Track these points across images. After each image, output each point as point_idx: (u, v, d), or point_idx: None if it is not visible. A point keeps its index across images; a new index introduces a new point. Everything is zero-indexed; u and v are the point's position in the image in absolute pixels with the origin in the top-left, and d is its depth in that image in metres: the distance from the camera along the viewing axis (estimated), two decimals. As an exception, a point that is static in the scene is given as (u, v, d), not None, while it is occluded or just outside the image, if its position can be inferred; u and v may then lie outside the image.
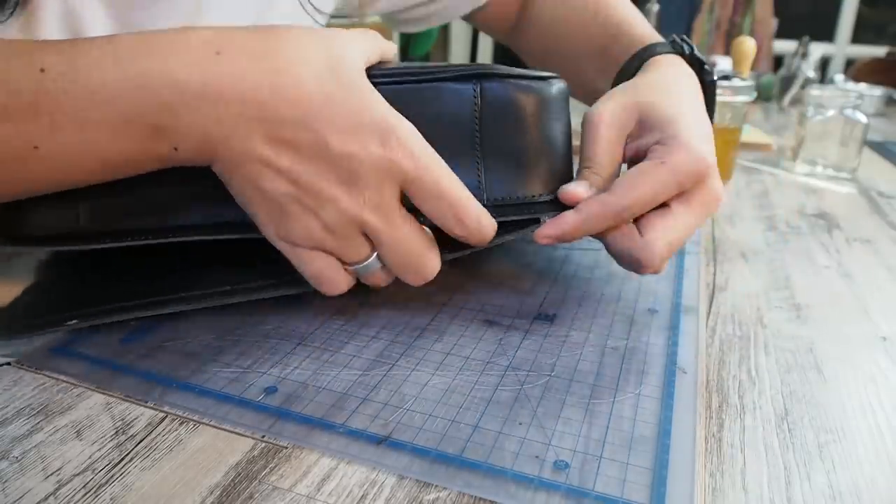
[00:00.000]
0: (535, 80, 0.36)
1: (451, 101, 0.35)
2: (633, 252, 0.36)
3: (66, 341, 0.36)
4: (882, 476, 0.28)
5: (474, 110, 0.35)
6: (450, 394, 0.32)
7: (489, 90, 0.35)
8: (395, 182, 0.32)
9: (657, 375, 0.34)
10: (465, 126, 0.35)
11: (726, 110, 0.66)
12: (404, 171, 0.32)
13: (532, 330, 0.38)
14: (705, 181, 0.37)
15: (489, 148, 0.35)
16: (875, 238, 0.57)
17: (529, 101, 0.36)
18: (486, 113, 0.35)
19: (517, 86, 0.36)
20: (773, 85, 1.31)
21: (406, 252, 0.34)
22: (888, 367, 0.37)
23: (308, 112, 0.31)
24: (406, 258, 0.34)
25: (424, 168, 0.32)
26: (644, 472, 0.27)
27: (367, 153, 0.31)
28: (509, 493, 0.26)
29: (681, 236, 0.37)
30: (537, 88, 0.36)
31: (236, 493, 0.26)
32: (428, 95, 0.35)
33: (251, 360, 0.34)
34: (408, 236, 0.33)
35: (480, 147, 0.35)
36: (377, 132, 0.31)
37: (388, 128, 0.32)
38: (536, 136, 0.36)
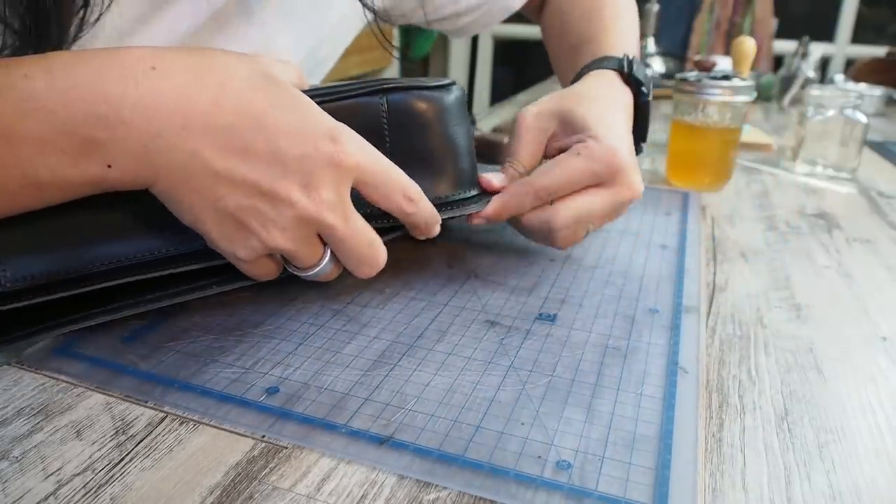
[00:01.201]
0: (434, 90, 0.40)
1: (366, 115, 0.38)
2: (542, 217, 0.42)
3: (66, 341, 0.36)
4: (882, 476, 0.28)
5: (383, 121, 0.39)
6: (451, 394, 0.32)
7: (393, 101, 0.39)
8: (349, 178, 0.33)
9: (659, 375, 0.34)
10: (378, 136, 0.38)
11: (726, 110, 0.66)
12: (356, 165, 0.33)
13: (533, 330, 0.38)
14: (620, 175, 0.41)
15: (399, 154, 0.38)
16: (875, 238, 0.57)
17: (430, 108, 0.40)
18: (392, 122, 0.39)
19: (419, 95, 0.39)
20: (773, 85, 1.30)
21: (360, 245, 0.35)
22: (888, 367, 0.37)
23: (256, 118, 0.31)
24: (360, 251, 0.35)
25: (373, 160, 0.34)
26: (646, 472, 0.27)
27: (320, 153, 0.32)
28: (511, 493, 0.26)
29: (587, 212, 0.41)
30: (437, 96, 0.40)
31: (236, 493, 0.26)
32: (348, 111, 0.37)
33: (253, 361, 0.34)
34: (362, 230, 0.35)
35: (391, 154, 0.36)
36: (325, 132, 0.32)
37: (333, 127, 0.33)
38: (440, 139, 0.40)
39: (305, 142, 0.31)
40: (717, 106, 0.66)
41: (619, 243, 0.51)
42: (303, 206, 0.32)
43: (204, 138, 0.30)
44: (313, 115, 0.33)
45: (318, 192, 0.32)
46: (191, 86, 0.30)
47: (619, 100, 0.46)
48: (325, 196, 0.32)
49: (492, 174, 0.43)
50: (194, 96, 0.30)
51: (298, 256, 0.34)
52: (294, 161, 0.31)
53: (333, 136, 0.32)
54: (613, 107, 0.45)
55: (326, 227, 0.33)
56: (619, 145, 0.41)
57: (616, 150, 0.41)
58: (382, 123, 0.39)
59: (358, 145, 0.33)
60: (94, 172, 0.29)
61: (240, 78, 0.31)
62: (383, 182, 0.35)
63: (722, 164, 0.68)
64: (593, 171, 0.41)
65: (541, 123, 0.44)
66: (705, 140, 0.67)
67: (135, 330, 0.37)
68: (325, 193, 0.32)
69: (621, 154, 0.41)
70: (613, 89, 0.47)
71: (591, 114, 0.43)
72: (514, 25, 2.90)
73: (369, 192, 0.35)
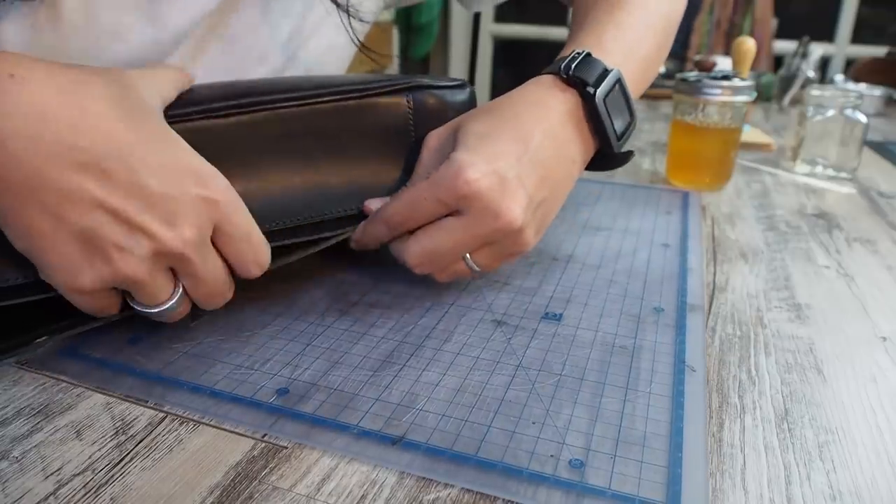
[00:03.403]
0: (454, 89, 0.42)
1: (393, 112, 0.40)
2: (397, 250, 0.38)
3: (70, 343, 0.36)
4: (882, 476, 0.28)
5: (409, 117, 0.40)
6: (461, 394, 0.32)
7: (418, 99, 0.40)
8: (212, 224, 0.31)
9: (666, 374, 0.34)
10: (404, 132, 0.40)
11: (726, 110, 0.66)
12: (221, 213, 0.31)
13: (540, 330, 0.38)
14: (470, 201, 0.35)
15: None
16: (875, 238, 0.57)
17: (452, 105, 0.42)
18: (417, 119, 0.40)
19: (441, 94, 0.41)
20: (773, 85, 1.30)
21: (217, 282, 0.33)
22: (888, 367, 0.37)
23: (121, 148, 0.29)
24: (216, 288, 0.33)
25: (237, 212, 0.32)
26: (658, 471, 0.28)
27: (185, 193, 0.30)
28: (527, 492, 0.26)
29: (435, 246, 0.36)
30: (456, 94, 0.42)
31: (236, 494, 0.26)
32: (374, 108, 0.39)
33: (261, 362, 0.34)
34: (219, 269, 0.33)
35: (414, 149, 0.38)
36: (194, 174, 0.31)
37: (204, 171, 0.31)
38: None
39: (170, 180, 0.30)
40: (717, 106, 0.66)
41: (621, 242, 0.51)
42: (164, 239, 0.30)
43: (56, 156, 0.28)
44: (181, 153, 0.31)
45: (180, 228, 0.30)
46: (49, 101, 0.28)
47: (537, 113, 0.39)
48: (187, 234, 0.30)
49: (380, 199, 0.39)
50: (50, 113, 0.28)
51: (148, 291, 0.31)
52: (156, 197, 0.29)
53: (201, 178, 0.31)
54: (514, 121, 0.38)
55: (185, 264, 0.31)
56: (475, 165, 0.34)
57: (464, 172, 0.34)
58: (409, 120, 0.40)
59: (224, 193, 0.32)
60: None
61: (105, 104, 0.29)
62: (243, 238, 0.33)
63: (722, 164, 0.68)
64: (436, 198, 0.35)
65: (440, 144, 0.39)
66: (705, 140, 0.67)
67: (140, 332, 0.37)
68: (187, 231, 0.30)
69: (469, 175, 0.34)
70: (539, 100, 0.40)
71: (475, 130, 0.37)
72: (514, 25, 2.90)
73: (223, 242, 0.32)
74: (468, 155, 0.35)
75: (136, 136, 0.30)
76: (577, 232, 0.54)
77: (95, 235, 0.29)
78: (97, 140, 0.28)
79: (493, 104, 0.40)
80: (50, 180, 0.28)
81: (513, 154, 0.36)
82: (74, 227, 0.28)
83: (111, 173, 0.29)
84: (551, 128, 0.39)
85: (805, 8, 2.59)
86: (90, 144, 0.28)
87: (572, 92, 0.41)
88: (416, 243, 0.37)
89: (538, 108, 0.40)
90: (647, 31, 0.49)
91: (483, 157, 0.35)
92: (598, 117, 0.40)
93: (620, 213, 0.59)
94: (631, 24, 0.48)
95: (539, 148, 0.38)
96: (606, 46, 0.45)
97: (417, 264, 0.37)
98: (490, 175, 0.35)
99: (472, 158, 0.35)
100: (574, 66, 0.40)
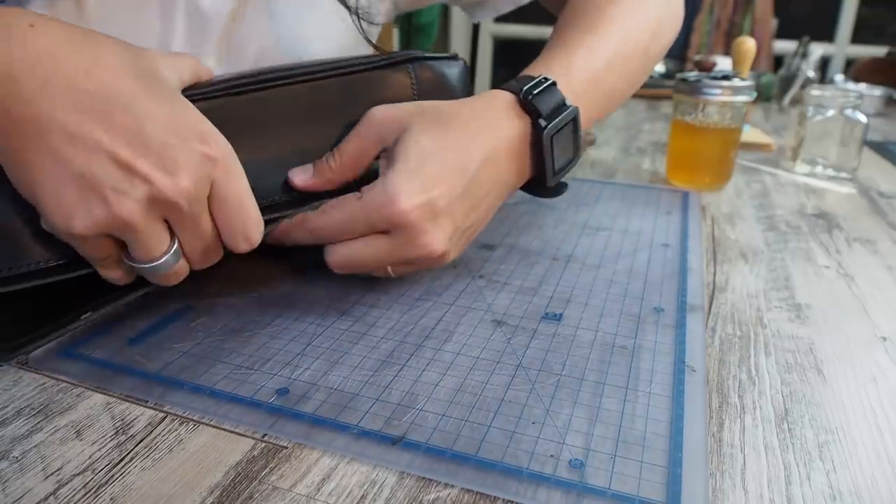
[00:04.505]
0: (450, 59, 0.45)
1: (397, 83, 0.42)
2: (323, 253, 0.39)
3: (70, 343, 0.36)
4: (882, 476, 0.28)
5: (413, 88, 0.42)
6: (461, 394, 0.32)
7: (419, 70, 0.43)
8: (209, 181, 0.32)
9: (666, 374, 0.34)
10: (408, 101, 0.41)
11: (726, 110, 0.66)
12: (220, 173, 0.32)
13: (540, 330, 0.38)
14: (401, 229, 0.36)
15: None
16: (875, 238, 0.57)
17: (449, 75, 0.44)
18: (420, 89, 0.43)
19: (439, 65, 0.44)
20: (773, 85, 1.30)
21: (206, 237, 0.33)
22: (888, 367, 0.37)
23: (124, 97, 0.30)
24: (206, 243, 0.34)
25: (237, 177, 0.33)
26: (659, 471, 0.28)
27: (187, 147, 0.31)
28: (526, 492, 0.26)
29: (361, 260, 0.38)
30: (453, 65, 0.44)
31: (236, 494, 0.26)
32: (379, 81, 0.41)
33: (261, 362, 0.34)
34: (211, 227, 0.33)
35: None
36: (197, 131, 0.31)
37: (208, 130, 0.32)
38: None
39: (172, 132, 0.30)
40: (717, 106, 0.66)
41: (621, 242, 0.51)
42: (161, 185, 0.30)
43: (65, 98, 0.29)
44: (187, 112, 0.32)
45: (177, 177, 0.30)
46: (64, 48, 0.29)
47: (485, 135, 0.39)
48: (184, 183, 0.30)
49: (303, 167, 0.39)
50: (64, 59, 0.29)
51: (143, 239, 0.31)
52: (157, 145, 0.30)
53: (204, 137, 0.31)
54: (462, 142, 0.38)
55: (179, 214, 0.31)
56: (410, 195, 0.35)
57: (398, 201, 0.35)
58: (412, 90, 0.42)
59: (225, 153, 0.32)
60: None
61: (117, 59, 0.30)
62: (234, 204, 0.33)
63: (722, 164, 0.69)
64: (368, 221, 0.36)
65: (381, 129, 0.38)
66: (705, 140, 0.67)
67: (140, 332, 0.37)
68: (184, 181, 0.30)
69: (403, 205, 0.35)
70: (491, 118, 0.40)
71: (419, 144, 0.37)
72: (514, 25, 2.90)
73: (216, 205, 0.33)
74: (405, 181, 0.36)
75: (144, 90, 0.30)
76: (577, 232, 0.54)
77: (94, 177, 0.29)
78: (106, 87, 0.29)
79: (446, 113, 0.39)
80: (56, 121, 0.28)
81: (450, 183, 0.37)
82: (75, 168, 0.29)
83: (115, 118, 0.29)
84: (494, 154, 0.40)
85: (805, 8, 2.59)
86: (98, 89, 0.29)
87: (525, 120, 0.41)
88: (341, 250, 0.38)
89: (488, 132, 0.40)
90: (617, 60, 0.49)
91: (419, 183, 0.36)
92: (540, 151, 0.41)
93: (620, 213, 0.59)
94: (603, 52, 0.48)
95: (476, 178, 0.39)
96: (573, 75, 0.45)
97: (338, 268, 0.39)
98: (423, 206, 0.36)
99: (408, 187, 0.35)
100: (535, 94, 0.41)
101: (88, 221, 0.30)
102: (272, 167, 0.38)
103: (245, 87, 0.37)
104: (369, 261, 0.38)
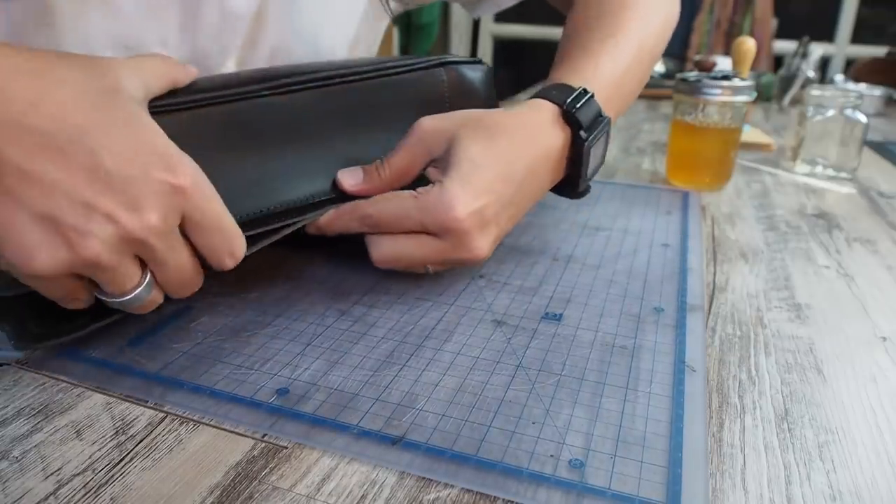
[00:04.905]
0: (470, 65, 0.47)
1: (430, 84, 0.44)
2: (367, 242, 0.40)
3: (70, 344, 0.36)
4: (882, 476, 0.28)
5: (444, 89, 0.45)
6: (461, 394, 0.32)
7: (451, 73, 0.45)
8: (179, 212, 0.31)
9: (666, 374, 0.34)
10: (439, 103, 0.45)
11: (726, 110, 0.66)
12: (189, 201, 0.31)
13: (540, 330, 0.38)
14: (451, 235, 0.38)
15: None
16: (875, 238, 0.57)
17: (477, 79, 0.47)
18: (451, 91, 0.45)
19: (468, 69, 0.46)
20: (773, 85, 1.30)
21: (184, 271, 0.33)
22: (888, 367, 0.37)
23: (80, 131, 0.28)
24: (183, 277, 0.33)
25: (208, 200, 0.32)
26: (658, 471, 0.28)
27: (150, 178, 0.29)
28: (526, 492, 0.26)
29: (408, 256, 0.39)
30: (481, 69, 0.47)
31: (236, 494, 0.26)
32: (414, 82, 0.44)
33: (261, 362, 0.34)
34: (186, 259, 0.32)
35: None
36: (161, 160, 0.30)
37: (172, 156, 0.31)
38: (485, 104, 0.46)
39: (134, 165, 0.29)
40: (717, 106, 0.66)
41: (621, 242, 0.51)
42: (125, 223, 0.29)
43: (13, 134, 0.27)
44: (150, 138, 0.30)
45: (143, 213, 0.29)
46: (12, 81, 0.28)
47: (531, 146, 0.41)
48: (151, 219, 0.29)
49: (351, 170, 0.40)
50: (10, 93, 0.27)
51: (112, 277, 0.30)
52: (118, 180, 0.28)
53: (169, 164, 0.30)
54: (509, 149, 0.40)
55: (150, 251, 0.30)
56: (466, 203, 0.37)
57: (454, 208, 0.37)
58: (444, 92, 0.45)
59: (193, 179, 0.31)
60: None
61: (70, 88, 0.29)
62: (210, 227, 0.32)
63: (722, 164, 0.69)
64: (421, 223, 0.38)
65: (431, 141, 0.40)
66: (705, 140, 0.67)
67: (140, 332, 0.37)
68: (151, 217, 0.29)
69: (456, 214, 0.37)
70: (536, 130, 0.42)
71: (470, 154, 0.39)
72: (514, 25, 2.90)
73: (192, 231, 0.32)
74: (461, 189, 0.37)
75: (98, 119, 0.29)
76: (577, 232, 0.54)
77: (55, 218, 0.28)
78: (56, 121, 0.28)
79: (491, 122, 0.41)
80: (9, 161, 0.27)
81: (498, 192, 0.39)
82: (34, 209, 0.28)
83: (70, 155, 0.28)
84: (536, 164, 0.42)
85: (805, 8, 2.59)
86: (48, 125, 0.28)
87: (567, 131, 0.43)
88: (388, 246, 0.39)
89: (532, 142, 0.42)
90: (634, 64, 0.51)
91: (473, 194, 0.38)
92: (579, 161, 0.44)
93: (620, 213, 0.59)
94: (623, 58, 0.50)
95: (521, 187, 0.41)
96: (600, 81, 0.47)
97: (382, 262, 0.40)
98: (474, 214, 0.38)
99: (464, 195, 0.37)
100: (577, 107, 0.43)
101: (50, 262, 0.28)
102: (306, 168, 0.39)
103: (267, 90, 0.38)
104: (415, 259, 0.39)
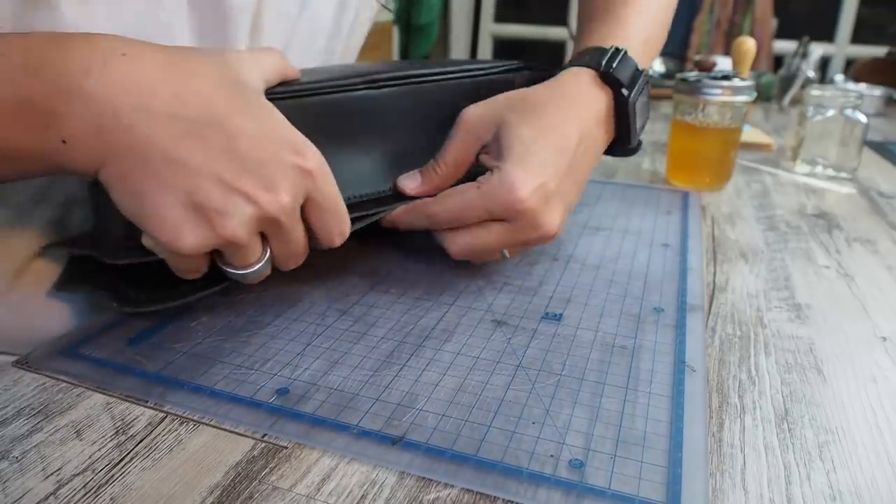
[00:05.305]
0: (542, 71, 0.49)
1: (498, 88, 0.44)
2: (439, 239, 0.42)
3: (70, 343, 0.36)
4: (882, 476, 0.28)
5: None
6: (461, 394, 0.32)
7: (521, 78, 0.47)
8: (304, 191, 0.33)
9: (666, 374, 0.34)
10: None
11: (726, 110, 0.66)
12: (314, 182, 0.33)
13: (540, 330, 0.38)
14: (520, 215, 0.39)
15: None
16: (875, 238, 0.57)
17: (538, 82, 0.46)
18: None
19: (538, 74, 0.48)
20: (773, 85, 1.30)
21: (300, 247, 0.35)
22: (888, 367, 0.37)
23: (216, 118, 0.31)
24: (298, 252, 0.36)
25: (329, 183, 0.35)
26: (658, 471, 0.28)
27: (280, 160, 0.32)
28: (526, 492, 0.26)
29: (482, 244, 0.40)
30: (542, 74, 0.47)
31: (236, 494, 0.26)
32: (488, 86, 0.45)
33: (261, 362, 0.34)
34: (303, 236, 0.35)
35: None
36: (290, 144, 0.32)
37: (297, 140, 0.33)
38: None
39: (266, 148, 0.31)
40: (717, 106, 0.66)
41: (621, 242, 0.51)
42: (263, 203, 0.31)
43: (161, 124, 0.30)
44: (278, 125, 0.33)
45: (278, 193, 0.32)
46: (156, 74, 0.30)
47: (577, 113, 0.42)
48: (284, 199, 0.32)
49: (410, 175, 0.42)
50: (157, 85, 0.30)
51: (243, 253, 0.33)
52: (253, 163, 0.31)
53: (297, 148, 0.33)
54: (557, 122, 0.41)
55: (277, 228, 0.33)
56: (525, 182, 0.38)
57: (516, 190, 0.38)
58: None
59: (319, 162, 0.34)
60: (50, 147, 0.29)
61: (206, 79, 0.31)
62: (329, 208, 0.35)
63: (722, 164, 0.69)
64: (487, 210, 0.39)
65: (478, 130, 0.41)
66: (705, 140, 0.67)
67: (140, 332, 0.37)
68: (284, 197, 0.32)
69: (521, 193, 0.38)
70: (578, 96, 0.43)
71: (520, 134, 0.40)
72: (514, 25, 2.90)
73: (313, 211, 0.34)
74: (519, 170, 0.38)
75: (234, 106, 0.31)
76: (577, 232, 0.54)
77: (198, 200, 0.30)
78: (197, 109, 0.30)
79: (534, 99, 0.42)
80: (157, 148, 0.29)
81: (555, 165, 0.40)
82: (179, 192, 0.30)
83: (211, 140, 0.30)
84: (587, 129, 0.42)
85: (805, 8, 2.59)
86: (191, 113, 0.30)
87: (607, 91, 0.44)
88: (462, 239, 0.40)
89: (577, 107, 0.42)
90: (657, 26, 0.52)
91: (531, 172, 0.38)
92: (626, 118, 0.44)
93: (620, 214, 0.59)
94: (649, 19, 0.51)
95: (576, 155, 0.41)
96: (632, 43, 0.47)
97: (459, 255, 0.41)
98: (537, 191, 0.38)
99: (523, 175, 0.38)
100: (614, 66, 0.43)
101: (195, 241, 0.31)
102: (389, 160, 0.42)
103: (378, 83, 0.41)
104: (491, 246, 0.40)
